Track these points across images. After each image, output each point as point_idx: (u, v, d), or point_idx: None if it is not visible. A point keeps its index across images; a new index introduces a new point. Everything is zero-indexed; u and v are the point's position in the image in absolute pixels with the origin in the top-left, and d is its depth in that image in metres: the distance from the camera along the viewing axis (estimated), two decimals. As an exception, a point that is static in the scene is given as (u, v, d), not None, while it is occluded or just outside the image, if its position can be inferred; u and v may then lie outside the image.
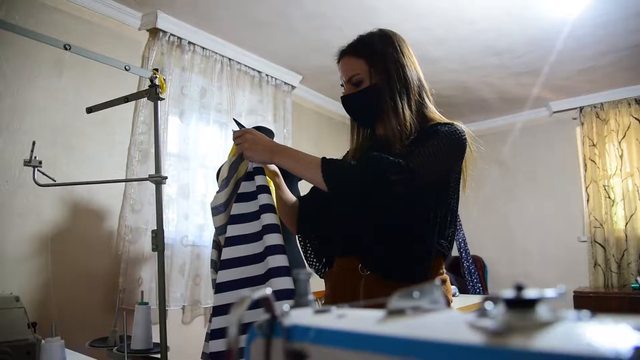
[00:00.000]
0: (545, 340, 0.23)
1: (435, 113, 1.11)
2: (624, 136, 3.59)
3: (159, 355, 1.05)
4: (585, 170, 3.70)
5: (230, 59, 2.89)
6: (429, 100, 1.12)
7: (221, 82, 2.83)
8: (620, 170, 3.56)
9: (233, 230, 1.01)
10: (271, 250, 0.95)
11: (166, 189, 2.45)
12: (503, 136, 4.33)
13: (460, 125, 1.07)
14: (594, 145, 3.69)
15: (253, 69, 3.05)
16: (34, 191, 1.94)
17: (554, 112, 3.99)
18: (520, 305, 0.25)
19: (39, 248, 1.93)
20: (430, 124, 1.06)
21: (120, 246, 2.20)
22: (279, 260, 0.94)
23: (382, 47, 1.09)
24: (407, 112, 1.05)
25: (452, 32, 2.80)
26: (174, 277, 2.35)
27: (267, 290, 0.34)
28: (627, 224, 3.45)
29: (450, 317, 0.29)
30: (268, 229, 0.98)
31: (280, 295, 0.90)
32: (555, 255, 3.89)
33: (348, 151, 1.27)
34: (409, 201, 0.96)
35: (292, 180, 1.96)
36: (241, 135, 1.06)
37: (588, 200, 3.66)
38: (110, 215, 2.23)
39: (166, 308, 2.27)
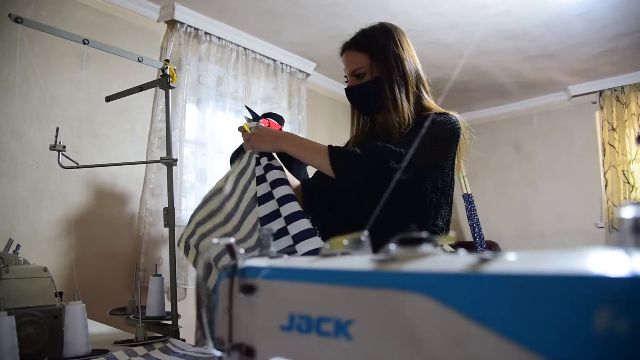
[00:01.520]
0: (413, 265, 0.30)
1: (431, 103, 1.18)
2: (645, 120, 3.52)
3: (170, 322, 1.16)
4: (604, 155, 3.65)
5: (245, 48, 2.97)
6: (426, 91, 1.19)
7: (237, 70, 2.92)
8: (643, 155, 3.50)
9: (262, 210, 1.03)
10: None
11: (186, 175, 2.57)
12: (521, 121, 4.30)
13: (454, 114, 1.13)
14: (613, 129, 3.63)
15: (268, 58, 3.13)
16: (62, 176, 2.08)
17: (573, 96, 3.93)
18: (409, 242, 0.33)
19: (66, 229, 2.08)
20: (427, 114, 1.12)
21: (141, 228, 2.34)
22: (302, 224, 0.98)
23: (383, 42, 1.15)
24: (405, 104, 1.12)
25: (464, 16, 2.80)
26: (192, 257, 2.48)
27: (231, 240, 0.42)
28: (646, 209, 3.39)
29: (365, 257, 0.36)
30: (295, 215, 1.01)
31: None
32: (572, 241, 3.87)
33: (349, 139, 1.34)
34: (408, 187, 1.03)
35: (300, 165, 2.04)
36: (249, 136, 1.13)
37: (606, 186, 3.62)
38: (132, 199, 2.36)
39: (184, 287, 2.42)
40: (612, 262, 0.22)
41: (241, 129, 1.18)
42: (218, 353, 0.43)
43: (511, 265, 0.25)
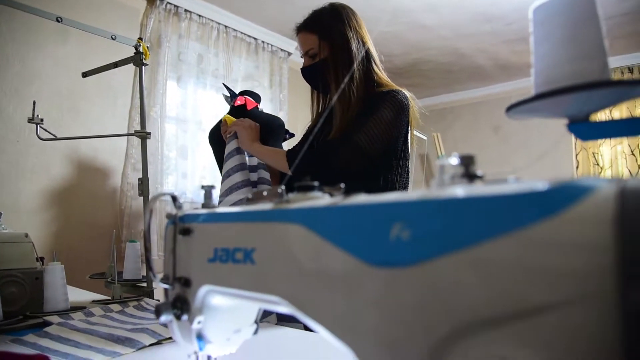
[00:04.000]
0: (297, 204, 0.39)
1: (382, 79, 1.21)
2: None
3: (145, 284, 1.25)
4: (576, 138, 3.78)
5: (226, 26, 3.00)
6: (378, 68, 1.22)
7: (217, 48, 2.95)
8: (610, 138, 3.63)
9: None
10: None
11: (167, 152, 2.63)
12: (500, 103, 4.40)
13: (403, 91, 1.17)
14: (585, 112, 3.75)
15: (249, 36, 3.16)
16: (44, 150, 2.13)
17: (549, 80, 4.03)
18: (303, 189, 0.42)
19: (48, 201, 2.15)
20: (377, 91, 1.16)
21: (123, 201, 2.41)
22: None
23: (330, 22, 1.19)
24: (349, 84, 1.15)
25: (441, -1, 2.86)
26: (173, 231, 2.57)
27: (176, 193, 0.51)
28: (612, 189, 3.56)
29: (271, 202, 0.45)
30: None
31: None
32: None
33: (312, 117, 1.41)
34: (361, 174, 1.12)
35: (275, 142, 2.12)
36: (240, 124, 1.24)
37: (577, 167, 3.76)
38: (114, 173, 2.43)
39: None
40: (413, 195, 0.31)
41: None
42: (165, 286, 0.53)
43: (353, 200, 0.35)
